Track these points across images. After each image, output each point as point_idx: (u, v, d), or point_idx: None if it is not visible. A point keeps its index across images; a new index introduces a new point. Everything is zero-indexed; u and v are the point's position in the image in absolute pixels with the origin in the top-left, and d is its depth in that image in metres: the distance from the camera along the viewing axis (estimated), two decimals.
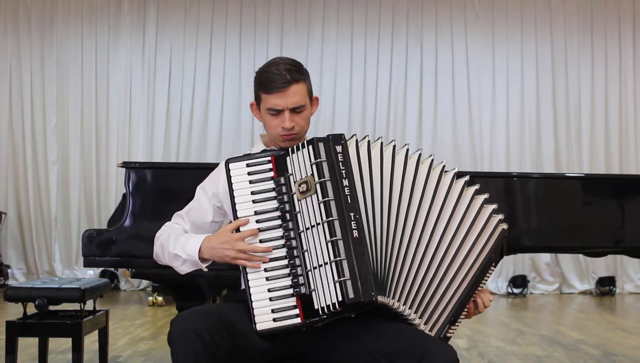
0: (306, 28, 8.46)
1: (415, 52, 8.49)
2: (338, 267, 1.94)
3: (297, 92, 2.17)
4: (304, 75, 2.21)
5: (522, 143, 8.43)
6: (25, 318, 3.50)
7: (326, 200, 1.97)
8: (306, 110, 2.22)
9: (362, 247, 1.96)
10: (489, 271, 2.14)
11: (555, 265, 8.33)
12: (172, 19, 8.43)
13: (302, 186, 2.01)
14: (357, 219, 1.97)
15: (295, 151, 2.06)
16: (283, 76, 2.14)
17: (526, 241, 3.50)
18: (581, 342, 5.19)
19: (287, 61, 2.19)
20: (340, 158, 2.02)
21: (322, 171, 2.00)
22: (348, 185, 2.00)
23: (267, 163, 2.08)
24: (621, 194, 3.61)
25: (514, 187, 3.51)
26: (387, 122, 8.42)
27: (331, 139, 2.04)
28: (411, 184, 2.08)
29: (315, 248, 1.98)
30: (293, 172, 2.04)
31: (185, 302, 2.98)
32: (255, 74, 2.22)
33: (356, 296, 1.92)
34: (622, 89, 8.53)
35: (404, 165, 2.09)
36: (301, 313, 1.98)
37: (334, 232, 1.96)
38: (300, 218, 2.01)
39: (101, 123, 8.33)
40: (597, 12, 8.57)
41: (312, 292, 1.97)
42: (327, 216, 1.97)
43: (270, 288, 2.00)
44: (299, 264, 2.00)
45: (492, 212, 2.15)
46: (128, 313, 6.38)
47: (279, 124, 2.17)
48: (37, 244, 8.24)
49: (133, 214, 2.99)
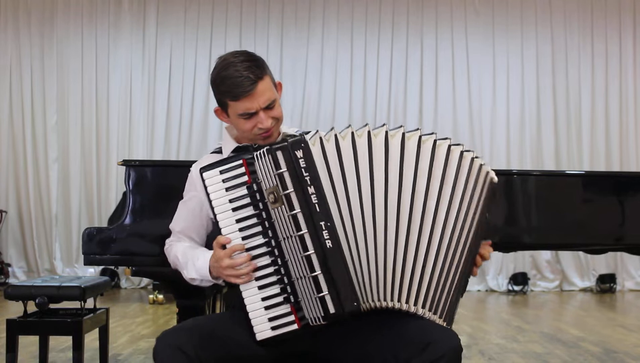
0: (306, 26, 8.46)
1: (416, 50, 8.49)
2: (315, 282, 1.90)
3: (265, 89, 2.07)
4: (263, 66, 2.08)
5: (523, 140, 8.43)
6: (25, 317, 3.50)
7: (293, 213, 1.90)
8: (277, 101, 2.12)
9: (338, 257, 1.90)
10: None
11: (555, 262, 8.33)
12: (172, 16, 8.42)
13: (271, 196, 1.93)
14: (330, 227, 1.89)
15: (260, 158, 1.94)
16: (246, 78, 2.03)
17: (526, 239, 3.49)
18: (581, 339, 5.19)
19: (242, 58, 2.06)
20: (303, 163, 1.90)
21: (284, 182, 1.91)
22: (315, 192, 1.90)
23: (240, 166, 1.98)
24: (621, 191, 3.60)
25: (514, 184, 3.50)
26: (388, 120, 8.41)
27: (290, 146, 1.91)
28: (398, 166, 1.94)
29: (294, 258, 1.93)
30: (262, 178, 1.95)
31: (186, 300, 2.97)
32: (212, 78, 2.10)
33: (337, 310, 1.90)
34: (622, 86, 8.53)
35: (384, 148, 1.94)
36: (297, 319, 1.96)
37: (305, 247, 1.90)
38: (277, 226, 1.95)
39: (101, 121, 8.34)
40: (597, 8, 8.57)
41: (300, 302, 1.95)
42: (296, 230, 1.91)
43: (264, 297, 1.97)
44: (284, 272, 1.96)
45: (479, 164, 2.00)
46: (129, 311, 6.38)
47: (255, 125, 2.09)
48: (38, 242, 8.24)
49: (133, 212, 2.98)
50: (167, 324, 5.68)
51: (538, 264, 8.32)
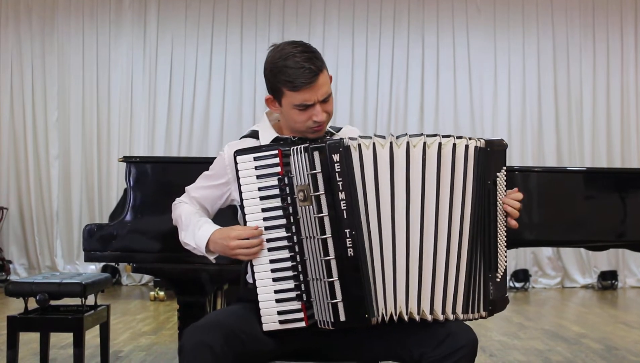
0: (307, 23, 8.45)
1: (417, 47, 8.47)
2: (331, 288, 1.90)
3: (324, 82, 2.04)
4: (321, 58, 2.06)
5: (524, 137, 8.42)
6: (26, 313, 3.50)
7: (320, 216, 1.89)
8: (332, 96, 2.10)
9: (357, 266, 1.88)
10: (496, 194, 1.98)
11: (557, 259, 8.33)
12: (173, 13, 8.41)
13: (300, 194, 1.92)
14: (354, 235, 1.88)
15: (296, 154, 1.93)
16: (308, 69, 2.00)
17: (528, 235, 3.49)
18: (583, 336, 5.19)
19: (301, 49, 2.04)
20: (338, 167, 1.88)
21: (317, 183, 1.90)
22: (345, 198, 1.88)
23: (274, 157, 1.97)
24: (623, 188, 3.60)
25: (516, 181, 3.49)
26: (389, 117, 8.41)
27: (328, 148, 1.89)
28: (421, 176, 1.92)
29: (313, 259, 1.93)
30: (295, 174, 1.94)
31: (187, 297, 2.97)
32: (269, 66, 2.07)
33: (348, 319, 1.90)
34: (623, 83, 8.51)
35: (422, 159, 1.92)
36: (305, 318, 1.96)
37: (327, 251, 1.89)
38: (302, 224, 1.94)
39: (102, 118, 8.33)
40: (599, 5, 8.55)
41: (313, 302, 1.95)
42: (321, 233, 1.90)
43: (277, 289, 1.97)
44: (301, 270, 1.96)
45: (451, 145, 1.94)
46: (129, 308, 6.38)
47: (309, 118, 2.05)
48: (39, 239, 8.25)
49: (134, 209, 2.98)
50: (168, 321, 5.68)
51: (539, 261, 8.31)
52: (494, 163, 1.98)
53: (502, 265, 2.00)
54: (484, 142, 1.97)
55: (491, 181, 1.97)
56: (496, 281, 1.98)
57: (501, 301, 2.01)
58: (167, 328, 5.35)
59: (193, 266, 2.84)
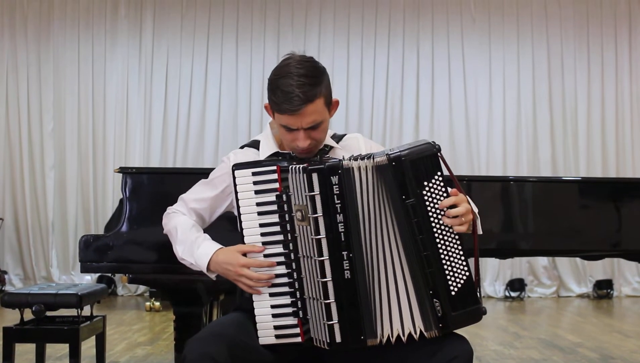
0: (303, 32, 8.47)
1: (412, 56, 8.49)
2: (327, 309, 1.89)
3: (313, 112, 1.98)
4: (319, 86, 1.98)
5: (519, 147, 8.44)
6: (22, 324, 3.49)
7: (318, 238, 1.87)
8: (324, 122, 2.03)
9: (354, 289, 1.87)
10: (434, 191, 1.86)
11: (552, 268, 8.33)
12: (169, 23, 8.43)
13: (298, 214, 1.91)
14: (352, 258, 1.87)
15: (294, 173, 1.91)
16: (296, 96, 1.94)
17: (523, 245, 3.50)
18: (579, 345, 5.19)
19: (302, 72, 1.97)
20: (336, 190, 1.86)
21: (315, 205, 1.87)
22: (343, 221, 1.86)
23: (273, 173, 1.96)
24: (618, 197, 3.61)
25: (511, 191, 3.51)
26: (384, 126, 8.42)
27: (327, 170, 1.86)
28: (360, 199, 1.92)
29: (311, 279, 1.92)
30: (293, 193, 1.92)
31: (183, 307, 2.97)
32: (270, 77, 2.04)
33: (344, 341, 1.89)
34: (618, 93, 8.54)
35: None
36: (302, 333, 1.96)
37: (324, 273, 1.88)
38: (299, 243, 1.93)
39: (98, 128, 8.33)
40: (593, 16, 8.59)
41: (309, 319, 1.95)
42: (318, 255, 1.88)
43: (273, 304, 1.97)
44: (297, 287, 1.95)
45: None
46: (125, 319, 6.37)
47: (294, 140, 2.02)
48: (34, 250, 8.22)
49: (130, 220, 2.98)
50: (164, 331, 5.67)
51: (535, 270, 8.32)
52: (413, 175, 1.85)
53: (460, 276, 1.89)
54: (385, 158, 1.86)
55: (413, 197, 1.85)
56: (451, 295, 1.88)
57: (463, 315, 1.92)
58: (163, 339, 5.34)
59: (189, 277, 2.83)
